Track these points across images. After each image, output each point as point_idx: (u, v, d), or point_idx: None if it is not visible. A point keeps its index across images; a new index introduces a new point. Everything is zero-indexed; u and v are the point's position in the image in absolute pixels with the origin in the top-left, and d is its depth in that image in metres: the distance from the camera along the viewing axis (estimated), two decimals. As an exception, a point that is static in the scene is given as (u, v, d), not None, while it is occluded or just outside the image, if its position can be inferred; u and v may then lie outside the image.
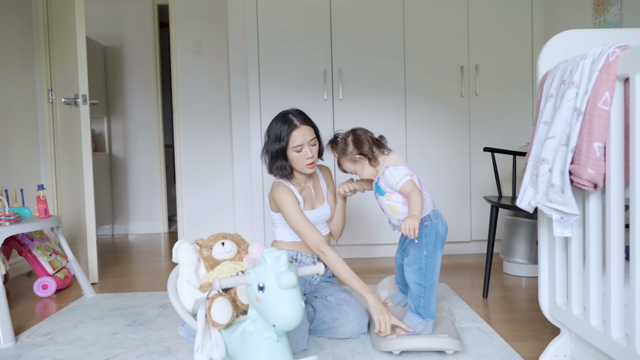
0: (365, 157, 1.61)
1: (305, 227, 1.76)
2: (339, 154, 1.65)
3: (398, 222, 1.61)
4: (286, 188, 1.81)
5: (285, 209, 1.78)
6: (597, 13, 2.46)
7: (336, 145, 1.66)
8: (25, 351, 1.63)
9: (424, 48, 2.94)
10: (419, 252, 1.55)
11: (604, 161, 1.06)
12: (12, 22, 2.77)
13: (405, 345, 1.47)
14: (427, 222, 1.56)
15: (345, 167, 1.67)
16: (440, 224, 1.57)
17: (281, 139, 1.77)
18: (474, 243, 3.07)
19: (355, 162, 1.63)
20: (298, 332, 1.51)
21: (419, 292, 1.54)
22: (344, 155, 1.64)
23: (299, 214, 1.77)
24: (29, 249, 2.37)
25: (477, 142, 2.98)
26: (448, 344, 1.47)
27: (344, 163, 1.66)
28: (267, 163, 1.85)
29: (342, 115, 2.94)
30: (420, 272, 1.54)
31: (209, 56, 3.54)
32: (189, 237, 3.46)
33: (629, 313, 1.04)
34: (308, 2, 2.92)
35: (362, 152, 1.60)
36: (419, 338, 1.49)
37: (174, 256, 1.58)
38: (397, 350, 1.48)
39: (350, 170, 1.66)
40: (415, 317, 1.54)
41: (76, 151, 2.60)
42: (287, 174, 1.82)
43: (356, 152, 1.61)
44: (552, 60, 1.32)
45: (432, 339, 1.48)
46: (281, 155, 1.79)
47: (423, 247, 1.55)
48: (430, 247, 1.55)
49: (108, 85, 4.28)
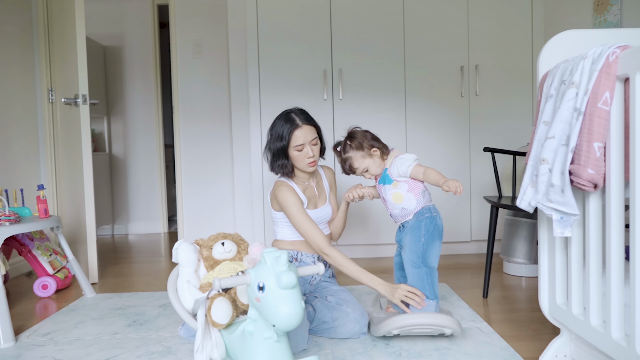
0: (379, 150, 1.68)
1: (309, 228, 1.76)
2: (355, 149, 1.68)
3: (401, 210, 1.66)
4: (289, 187, 1.81)
5: (288, 209, 1.79)
6: (597, 13, 2.46)
7: (353, 139, 1.69)
8: (25, 351, 1.63)
9: (424, 48, 2.94)
10: (417, 241, 1.62)
11: (604, 161, 1.06)
12: (12, 22, 2.77)
13: (402, 323, 1.49)
14: (427, 214, 1.64)
15: (358, 164, 1.69)
16: (438, 218, 1.66)
17: (283, 138, 1.78)
18: (474, 243, 3.07)
19: (371, 156, 1.68)
20: (298, 332, 1.51)
21: (420, 277, 1.60)
22: (360, 149, 1.68)
23: (303, 214, 1.77)
24: (29, 249, 2.37)
25: (477, 142, 2.98)
26: (445, 320, 1.49)
27: (356, 159, 1.69)
28: (269, 161, 1.87)
29: (342, 115, 2.94)
30: (418, 257, 1.61)
31: (209, 56, 3.54)
32: (189, 237, 3.46)
33: (629, 313, 1.04)
34: (308, 2, 2.92)
35: (377, 146, 1.68)
36: (416, 315, 1.52)
37: (174, 256, 1.58)
38: (395, 330, 1.50)
39: (362, 166, 1.69)
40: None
41: (76, 151, 2.60)
42: (288, 172, 1.84)
43: (374, 145, 1.68)
44: (552, 60, 1.32)
45: (429, 315, 1.51)
46: (282, 153, 1.80)
47: (422, 235, 1.62)
48: (428, 235, 1.62)
49: (108, 85, 4.28)
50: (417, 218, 1.64)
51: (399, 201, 1.65)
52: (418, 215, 1.64)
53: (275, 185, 1.85)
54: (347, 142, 1.71)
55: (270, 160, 1.86)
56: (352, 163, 1.70)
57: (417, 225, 1.63)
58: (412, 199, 1.64)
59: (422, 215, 1.64)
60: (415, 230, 1.63)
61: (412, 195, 1.64)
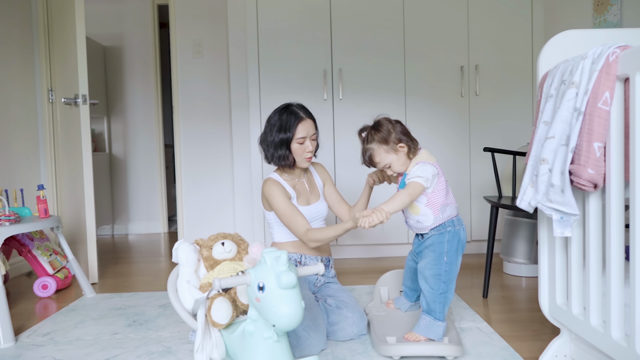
0: (407, 147, 1.52)
1: (290, 216, 1.75)
2: (380, 141, 1.51)
3: (416, 223, 1.55)
4: (274, 182, 1.82)
5: (273, 200, 1.78)
6: (597, 13, 2.46)
7: (378, 131, 1.52)
8: (25, 351, 1.63)
9: (424, 48, 2.94)
10: (439, 259, 1.51)
11: (604, 161, 1.06)
12: (12, 22, 2.77)
13: (405, 351, 1.47)
14: (450, 228, 1.52)
15: (379, 159, 1.53)
16: (462, 231, 1.54)
17: (287, 130, 1.76)
18: (474, 243, 3.07)
19: (396, 151, 1.52)
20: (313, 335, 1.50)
21: (434, 297, 1.51)
22: (385, 143, 1.51)
23: (286, 204, 1.76)
24: (29, 249, 2.37)
25: (477, 142, 2.97)
26: (448, 350, 1.45)
27: (378, 153, 1.52)
28: (268, 152, 1.83)
29: (342, 115, 2.94)
30: (438, 278, 1.50)
31: (209, 56, 3.54)
32: (189, 237, 3.46)
33: (629, 313, 1.04)
34: (308, 2, 2.92)
35: (405, 141, 1.51)
36: (420, 345, 1.48)
37: (174, 256, 1.57)
38: (397, 356, 1.47)
39: (384, 162, 1.53)
40: (427, 317, 1.51)
41: (76, 151, 2.60)
42: (289, 164, 1.81)
43: (402, 139, 1.51)
44: (552, 61, 1.32)
45: (432, 345, 1.47)
46: (285, 145, 1.78)
47: (444, 253, 1.50)
48: (452, 253, 1.51)
49: (108, 85, 4.28)
50: (439, 231, 1.52)
51: (415, 213, 1.53)
52: (440, 228, 1.52)
53: (262, 185, 1.85)
54: (372, 133, 1.53)
55: (270, 151, 1.81)
56: (373, 156, 1.54)
57: (440, 241, 1.51)
58: (429, 215, 1.51)
59: (444, 229, 1.51)
60: (437, 247, 1.52)
61: (429, 211, 1.51)
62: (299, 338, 1.47)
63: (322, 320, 1.58)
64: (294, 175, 1.89)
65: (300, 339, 1.47)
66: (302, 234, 1.74)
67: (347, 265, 2.83)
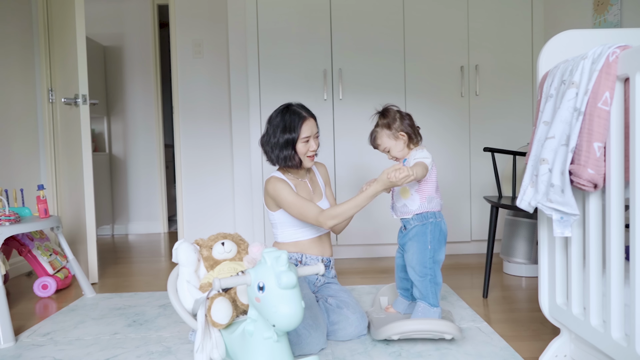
0: (407, 136, 1.65)
1: (301, 204, 1.73)
2: (383, 126, 1.66)
3: (402, 206, 1.65)
4: (279, 179, 1.81)
5: (280, 196, 1.76)
6: (597, 13, 2.46)
7: (387, 115, 1.67)
8: (25, 351, 1.63)
9: (424, 48, 2.94)
10: (423, 247, 1.61)
11: (604, 161, 1.06)
12: (12, 22, 2.77)
13: (403, 328, 1.49)
14: (432, 219, 1.63)
15: (381, 141, 1.68)
16: (443, 223, 1.66)
17: (292, 130, 1.75)
18: (474, 243, 3.07)
19: (396, 139, 1.65)
20: (314, 334, 1.50)
21: (424, 284, 1.60)
22: (389, 128, 1.65)
23: (294, 195, 1.75)
24: (29, 249, 2.37)
25: (477, 142, 2.97)
26: (446, 326, 1.48)
27: (381, 136, 1.67)
28: (273, 154, 1.81)
29: (342, 115, 2.94)
30: (424, 265, 1.60)
31: (209, 56, 3.54)
32: (189, 237, 3.46)
33: (629, 313, 1.04)
34: (308, 2, 2.92)
35: (406, 131, 1.65)
36: (417, 322, 1.51)
37: (174, 256, 1.58)
38: (395, 335, 1.49)
39: (384, 145, 1.67)
40: (423, 303, 1.60)
41: (76, 151, 2.60)
42: (295, 164, 1.80)
43: (404, 130, 1.64)
44: (552, 60, 1.32)
45: (429, 322, 1.50)
46: (291, 146, 1.77)
47: (428, 242, 1.61)
48: (435, 242, 1.62)
49: (108, 85, 4.28)
50: (422, 222, 1.62)
51: (405, 196, 1.65)
52: (422, 218, 1.62)
53: (265, 184, 1.85)
54: (380, 117, 1.70)
55: (274, 152, 1.79)
56: (377, 138, 1.69)
57: (423, 231, 1.61)
58: (416, 200, 1.62)
59: (426, 220, 1.62)
60: (421, 237, 1.61)
61: (417, 196, 1.62)
62: (300, 336, 1.47)
63: (322, 320, 1.58)
64: (298, 175, 1.89)
65: (300, 337, 1.47)
66: (317, 215, 1.70)
67: (347, 265, 2.82)
